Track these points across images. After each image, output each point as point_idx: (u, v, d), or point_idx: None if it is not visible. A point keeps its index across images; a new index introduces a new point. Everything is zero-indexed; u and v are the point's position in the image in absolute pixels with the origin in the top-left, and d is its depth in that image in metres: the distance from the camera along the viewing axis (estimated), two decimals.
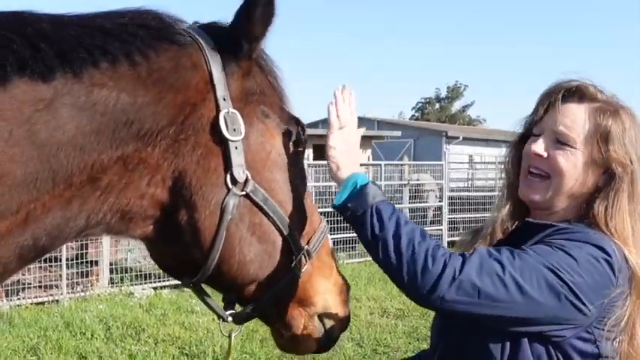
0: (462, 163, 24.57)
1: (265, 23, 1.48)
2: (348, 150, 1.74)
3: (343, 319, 1.76)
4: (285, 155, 1.60)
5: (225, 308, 1.69)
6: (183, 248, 1.51)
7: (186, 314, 7.84)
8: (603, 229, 1.68)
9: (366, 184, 1.65)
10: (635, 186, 1.71)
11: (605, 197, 1.71)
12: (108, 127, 1.31)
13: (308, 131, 1.73)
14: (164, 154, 1.40)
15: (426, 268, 1.51)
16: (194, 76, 1.43)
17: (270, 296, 1.62)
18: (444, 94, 69.60)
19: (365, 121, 37.92)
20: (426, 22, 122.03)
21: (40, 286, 8.49)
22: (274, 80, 1.63)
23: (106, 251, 9.14)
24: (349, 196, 1.65)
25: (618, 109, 1.75)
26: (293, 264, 1.61)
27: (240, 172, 1.47)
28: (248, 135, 1.49)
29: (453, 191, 16.12)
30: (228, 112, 1.45)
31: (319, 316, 1.70)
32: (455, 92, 68.83)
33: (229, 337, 1.76)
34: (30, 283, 8.47)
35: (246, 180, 1.48)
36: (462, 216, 14.10)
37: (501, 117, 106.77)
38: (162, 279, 9.23)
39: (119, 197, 1.38)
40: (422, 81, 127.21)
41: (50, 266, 8.69)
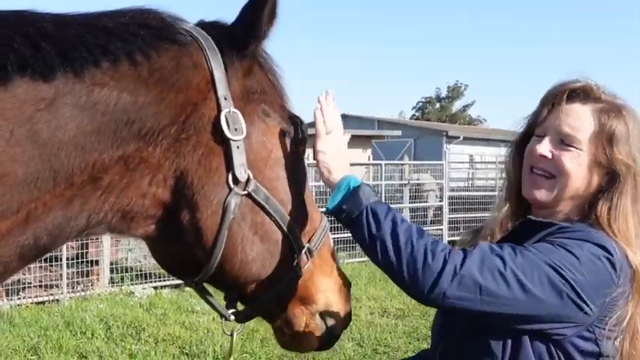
0: (463, 162, 24.55)
1: (270, 22, 1.48)
2: (337, 154, 1.75)
3: (345, 317, 1.76)
4: (286, 154, 1.60)
5: (227, 307, 1.70)
6: (186, 248, 1.51)
7: (186, 314, 7.84)
8: (606, 229, 1.68)
9: (358, 186, 1.65)
10: (639, 187, 1.72)
11: (608, 198, 1.71)
12: (109, 127, 1.31)
13: (308, 130, 1.73)
14: (165, 153, 1.40)
15: (426, 265, 1.51)
16: (195, 76, 1.43)
17: (272, 295, 1.62)
18: (444, 93, 69.53)
19: (365, 121, 38.03)
20: (427, 22, 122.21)
21: (40, 286, 8.49)
22: (275, 79, 1.63)
23: (106, 251, 9.14)
24: (343, 199, 1.65)
25: (621, 109, 1.75)
26: (295, 262, 1.61)
27: (241, 172, 1.47)
28: (249, 134, 1.49)
29: (453, 191, 16.12)
30: (230, 112, 1.45)
31: (321, 314, 1.71)
32: (455, 92, 68.74)
33: (231, 335, 1.76)
34: (30, 283, 8.47)
35: (248, 179, 1.48)
36: (462, 216, 14.08)
37: (502, 117, 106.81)
38: (162, 278, 9.23)
39: (120, 197, 1.38)
40: (422, 80, 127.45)
41: (51, 266, 8.69)
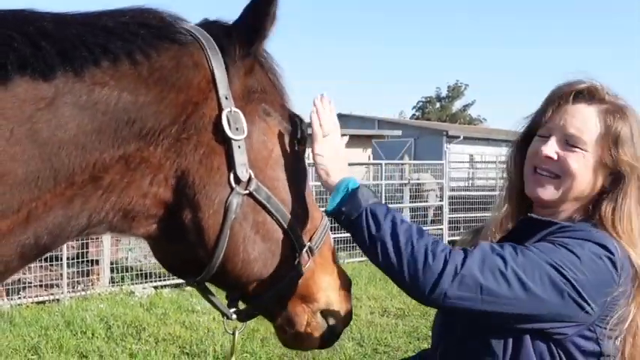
0: (463, 162, 24.54)
1: (271, 22, 1.48)
2: (335, 156, 1.74)
3: (345, 315, 1.77)
4: (287, 153, 1.60)
5: (228, 306, 1.70)
6: (187, 247, 1.51)
7: (186, 313, 7.85)
8: (610, 229, 1.68)
9: (357, 188, 1.65)
10: None
11: (612, 198, 1.71)
12: (109, 126, 1.31)
13: (309, 130, 1.73)
14: (166, 153, 1.40)
15: (426, 265, 1.50)
16: (196, 75, 1.43)
17: (274, 293, 1.63)
18: (444, 93, 69.50)
19: (365, 121, 38.01)
20: (427, 22, 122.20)
21: (40, 285, 8.49)
22: (275, 78, 1.63)
23: (106, 250, 9.14)
24: (342, 201, 1.64)
25: (624, 110, 1.76)
26: (296, 261, 1.61)
27: (243, 171, 1.47)
28: (250, 134, 1.49)
29: (453, 190, 16.11)
30: (231, 111, 1.45)
31: (322, 312, 1.71)
32: (455, 91, 68.72)
33: (233, 334, 1.77)
34: (31, 282, 8.47)
35: (250, 179, 1.48)
36: (462, 215, 14.08)
37: (502, 116, 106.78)
38: (162, 278, 9.24)
39: (121, 196, 1.38)
40: (422, 80, 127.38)
41: (51, 265, 8.69)
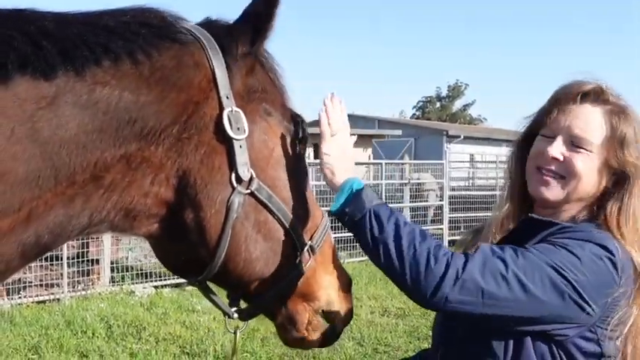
0: (463, 162, 24.51)
1: (272, 22, 1.48)
2: (341, 156, 1.74)
3: (346, 313, 1.77)
4: (288, 152, 1.61)
5: (230, 305, 1.71)
6: (189, 246, 1.51)
7: (187, 313, 7.85)
8: (614, 229, 1.68)
9: (361, 188, 1.65)
10: None
11: (618, 199, 1.72)
12: (110, 126, 1.31)
13: (309, 130, 1.73)
14: (167, 152, 1.40)
15: (428, 269, 1.50)
16: (197, 75, 1.43)
17: (275, 292, 1.63)
18: (444, 93, 69.48)
19: (366, 120, 37.99)
20: (427, 21, 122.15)
21: (41, 285, 8.49)
22: (275, 77, 1.63)
23: (107, 250, 9.14)
24: (346, 201, 1.64)
25: (627, 110, 1.76)
26: (297, 260, 1.61)
27: (244, 171, 1.47)
28: (251, 133, 1.49)
29: (453, 190, 16.09)
30: (232, 111, 1.45)
31: (323, 311, 1.71)
32: (456, 91, 68.71)
33: (235, 333, 1.77)
34: (31, 282, 8.47)
35: (251, 178, 1.49)
36: (462, 215, 14.08)
37: (502, 116, 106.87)
38: (163, 278, 9.24)
39: (122, 195, 1.38)
40: (423, 80, 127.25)
41: (51, 265, 8.69)
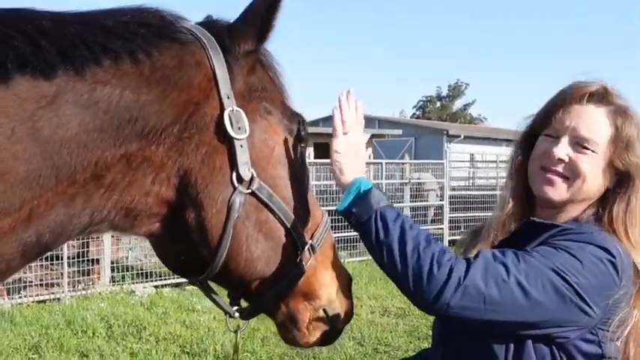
0: (463, 161, 24.50)
1: (272, 21, 1.48)
2: (352, 155, 1.73)
3: (347, 312, 1.78)
4: (288, 151, 1.61)
5: (230, 304, 1.71)
6: (190, 246, 1.52)
7: (187, 313, 7.85)
8: (620, 230, 1.68)
9: (369, 189, 1.64)
10: None
11: (624, 199, 1.72)
12: (111, 125, 1.31)
13: (309, 129, 1.73)
14: (168, 152, 1.40)
15: (431, 274, 1.49)
16: (197, 74, 1.43)
17: (276, 291, 1.63)
18: (445, 92, 69.47)
19: (366, 120, 37.76)
20: (428, 21, 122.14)
21: (41, 284, 8.50)
22: (275, 76, 1.63)
23: (107, 249, 9.15)
24: (353, 201, 1.64)
25: (629, 110, 1.76)
26: (298, 259, 1.62)
27: (245, 170, 1.47)
28: (252, 132, 1.49)
29: (454, 190, 16.08)
30: (233, 111, 1.45)
31: (324, 309, 1.72)
32: (456, 91, 68.70)
33: (236, 332, 1.78)
34: (31, 282, 8.47)
35: (252, 178, 1.48)
36: (463, 215, 14.07)
37: (502, 116, 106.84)
38: (163, 277, 9.24)
39: (123, 195, 1.38)
40: (423, 79, 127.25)
41: (51, 264, 8.70)
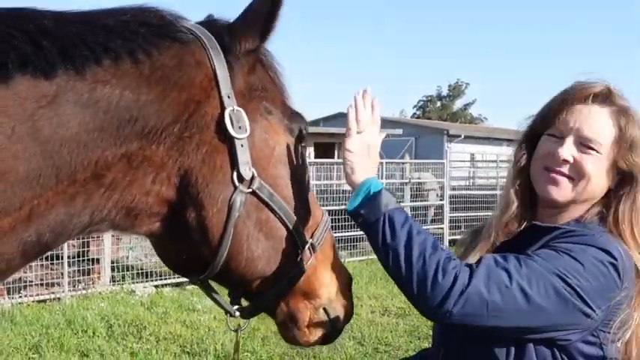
0: (464, 161, 24.51)
1: (274, 20, 1.48)
2: (365, 155, 1.72)
3: (347, 311, 1.78)
4: (288, 151, 1.61)
5: (231, 303, 1.72)
6: (191, 245, 1.52)
7: (187, 312, 7.85)
8: (626, 230, 1.68)
9: (379, 191, 1.63)
10: None
11: (630, 198, 1.72)
12: (111, 125, 1.31)
13: (309, 129, 1.73)
14: (169, 151, 1.40)
15: (435, 282, 1.49)
16: (198, 74, 1.43)
17: (277, 290, 1.64)
18: (445, 92, 69.40)
19: None
20: (428, 20, 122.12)
21: (41, 284, 8.50)
22: (275, 76, 1.63)
23: (107, 249, 9.15)
24: (362, 203, 1.63)
25: (630, 110, 1.76)
26: (298, 258, 1.62)
27: (246, 170, 1.47)
28: (252, 132, 1.49)
29: (454, 190, 16.10)
30: (234, 110, 1.45)
31: (324, 308, 1.72)
32: (456, 90, 68.64)
33: (236, 331, 1.78)
34: (32, 281, 8.47)
35: (252, 177, 1.49)
36: (463, 215, 14.08)
37: (503, 115, 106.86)
38: (163, 277, 9.25)
39: (123, 194, 1.38)
40: (423, 79, 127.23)
41: (52, 264, 8.70)
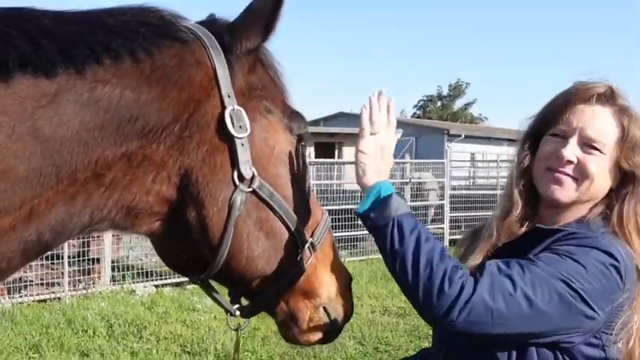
0: (464, 161, 24.51)
1: (275, 20, 1.48)
2: (378, 156, 1.70)
3: (347, 310, 1.78)
4: (288, 150, 1.61)
5: (231, 303, 1.72)
6: (191, 245, 1.52)
7: (187, 312, 7.86)
8: (631, 229, 1.68)
9: (389, 195, 1.62)
10: None
11: (632, 199, 1.72)
12: (112, 124, 1.31)
13: (309, 129, 1.73)
14: (169, 151, 1.40)
15: (442, 291, 1.49)
16: (198, 73, 1.43)
17: (277, 289, 1.64)
18: (445, 92, 69.35)
19: None
20: (428, 20, 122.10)
21: (42, 284, 8.50)
22: (275, 75, 1.62)
23: (107, 249, 9.15)
24: (371, 206, 1.62)
25: (631, 110, 1.76)
26: (298, 257, 1.62)
27: (246, 169, 1.47)
28: (252, 131, 1.49)
29: (454, 189, 16.10)
30: (234, 109, 1.45)
31: (324, 307, 1.72)
32: (457, 90, 68.61)
33: (236, 330, 1.78)
34: (32, 281, 8.47)
35: (253, 176, 1.49)
36: (463, 214, 14.08)
37: (503, 115, 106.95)
38: (163, 277, 9.25)
39: (124, 193, 1.38)
40: (424, 79, 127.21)
41: (52, 264, 8.71)
